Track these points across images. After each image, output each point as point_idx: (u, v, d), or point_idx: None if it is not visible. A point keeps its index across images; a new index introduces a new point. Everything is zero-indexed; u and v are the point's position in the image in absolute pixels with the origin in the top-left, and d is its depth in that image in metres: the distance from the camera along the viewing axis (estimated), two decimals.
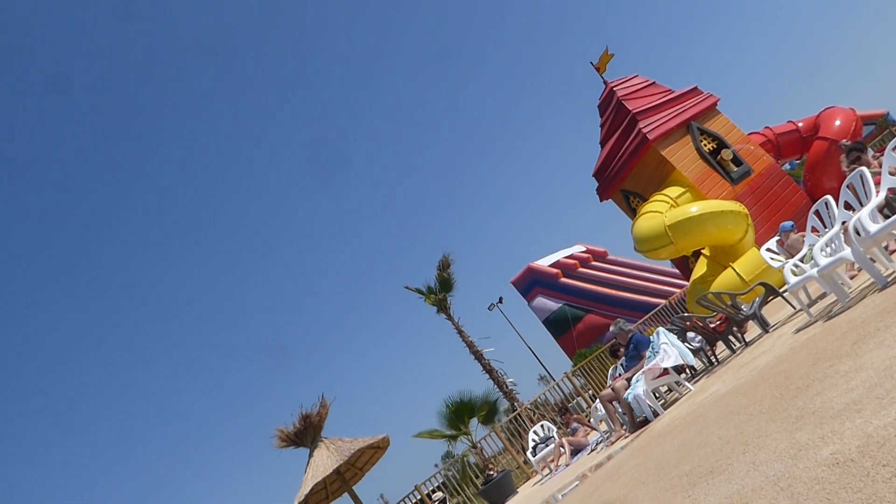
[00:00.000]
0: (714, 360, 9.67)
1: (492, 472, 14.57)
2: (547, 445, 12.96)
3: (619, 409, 9.21)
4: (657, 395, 9.66)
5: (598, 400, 9.97)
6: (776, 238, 9.06)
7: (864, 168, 6.21)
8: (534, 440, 13.58)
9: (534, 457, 13.27)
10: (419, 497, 15.05)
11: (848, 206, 6.21)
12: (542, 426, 13.96)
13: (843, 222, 6.08)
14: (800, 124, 18.99)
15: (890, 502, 1.78)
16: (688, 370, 9.88)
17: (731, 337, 9.26)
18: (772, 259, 8.57)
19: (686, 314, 9.60)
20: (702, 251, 15.74)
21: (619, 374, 9.70)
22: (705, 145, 16.80)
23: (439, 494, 13.59)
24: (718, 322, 9.31)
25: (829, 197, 6.73)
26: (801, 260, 7.36)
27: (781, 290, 8.82)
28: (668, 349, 8.68)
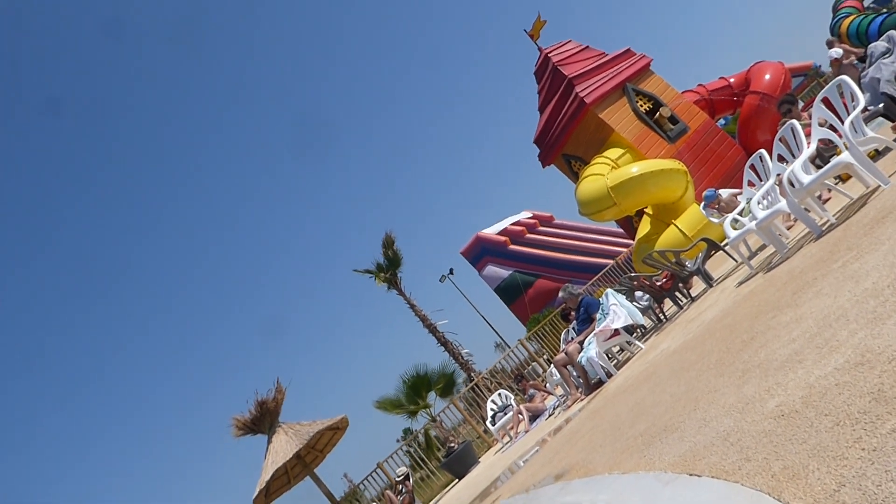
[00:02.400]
0: (663, 317, 9.87)
1: (453, 445, 14.69)
2: (505, 413, 13.10)
3: (574, 373, 9.35)
4: (610, 355, 9.83)
5: (552, 365, 10.10)
6: (703, 205, 9.23)
7: (794, 121, 6.35)
8: (492, 409, 13.72)
9: (493, 426, 13.42)
10: (387, 479, 15.11)
11: (781, 159, 6.35)
12: (499, 395, 14.10)
13: (778, 175, 6.22)
14: (731, 80, 19.31)
15: (833, 451, 1.82)
16: (638, 329, 10.06)
17: (677, 293, 9.45)
18: (711, 215, 8.75)
19: (633, 274, 9.77)
20: (645, 210, 15.99)
21: (572, 338, 9.83)
22: (641, 106, 17.00)
23: (403, 469, 13.65)
24: (664, 279, 9.48)
25: (762, 151, 6.87)
26: (740, 213, 7.52)
27: (723, 245, 9.02)
28: (618, 310, 8.81)
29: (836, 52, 8.17)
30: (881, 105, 6.44)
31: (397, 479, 13.34)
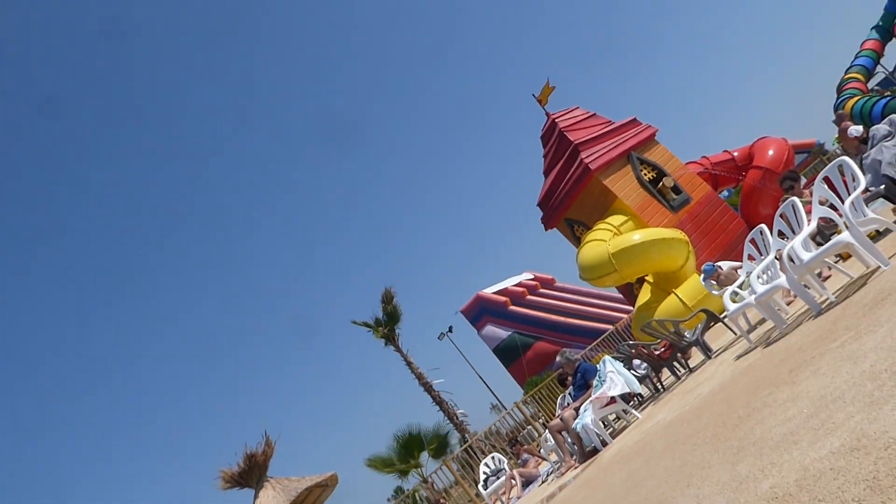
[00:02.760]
0: (660, 386, 9.78)
1: None
2: (498, 478, 12.89)
3: (569, 439, 9.23)
4: (605, 423, 9.71)
5: (547, 430, 9.98)
6: (702, 278, 9.25)
7: (795, 198, 6.40)
8: (485, 472, 13.50)
9: (485, 490, 13.18)
10: None
11: (781, 235, 6.38)
12: (492, 458, 13.90)
13: (778, 250, 6.24)
14: (735, 153, 19.55)
15: None
16: (635, 398, 9.97)
17: (675, 363, 9.39)
18: (711, 287, 8.76)
19: (632, 342, 9.73)
20: (645, 278, 16.00)
21: (568, 404, 9.73)
22: (645, 174, 17.17)
23: None
24: (663, 349, 9.44)
25: (763, 226, 6.91)
26: (740, 287, 7.53)
27: (722, 317, 8.99)
28: (615, 377, 8.74)
29: (857, 129, 8.24)
30: (882, 186, 6.50)
31: None
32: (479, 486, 13.53)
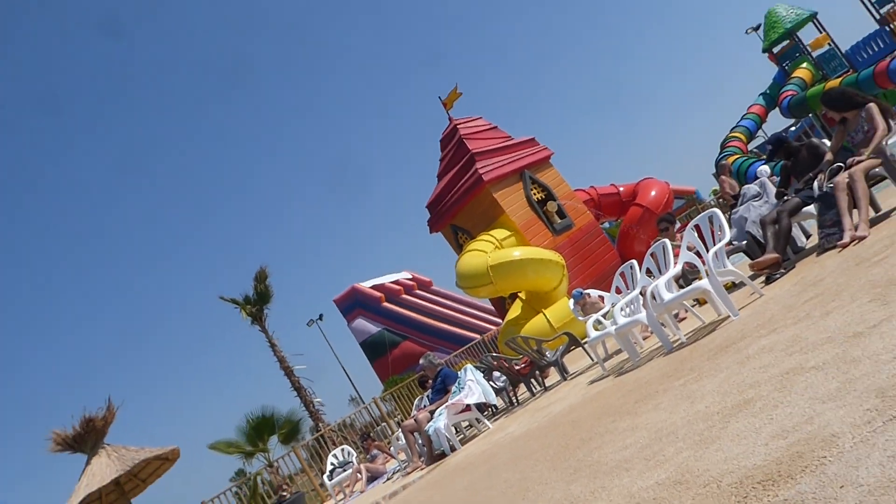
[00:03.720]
0: (515, 400, 10.03)
1: (285, 493, 14.20)
2: (345, 470, 12.83)
3: (419, 441, 9.31)
4: (458, 429, 9.86)
5: (400, 429, 10.02)
6: (571, 302, 9.60)
7: (667, 240, 6.74)
8: (332, 464, 13.42)
9: (330, 480, 13.10)
10: None
11: (649, 273, 6.70)
12: (342, 450, 13.83)
13: (643, 287, 6.55)
14: (621, 189, 20.39)
15: None
16: (490, 408, 10.18)
17: (532, 380, 9.66)
18: (577, 313, 9.08)
19: (495, 354, 9.93)
20: (518, 294, 16.38)
21: (424, 406, 9.82)
22: (535, 194, 17.61)
23: None
24: (523, 365, 9.68)
25: (633, 261, 7.23)
26: (604, 316, 7.84)
27: (583, 342, 9.33)
28: (473, 386, 8.90)
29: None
30: (744, 242, 6.96)
31: None
32: (325, 477, 13.43)
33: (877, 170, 5.70)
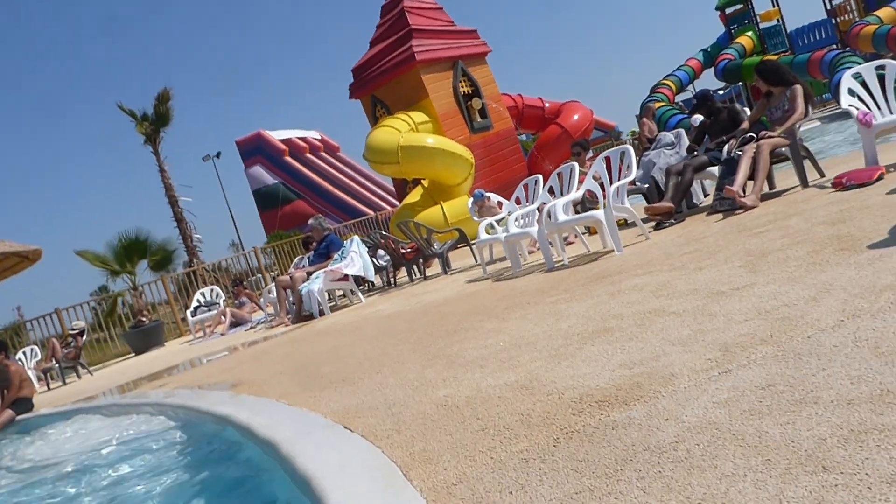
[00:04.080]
0: (393, 282, 10.21)
1: (144, 319, 14.08)
2: (210, 310, 12.82)
3: (290, 298, 9.38)
4: (330, 296, 9.99)
5: (274, 282, 10.04)
6: (470, 201, 9.71)
7: (576, 164, 6.86)
8: (199, 301, 13.36)
9: (193, 317, 13.08)
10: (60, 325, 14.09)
11: (551, 192, 6.84)
12: (210, 290, 13.77)
13: (542, 203, 6.69)
14: (546, 104, 20.39)
15: (468, 451, 2.00)
16: (366, 284, 10.32)
17: (415, 267, 9.83)
18: (474, 213, 9.21)
19: (384, 233, 9.97)
20: (421, 181, 16.38)
21: (303, 266, 9.85)
22: (463, 87, 17.37)
23: (80, 324, 12.78)
24: (410, 250, 9.81)
25: (539, 176, 7.35)
26: (498, 222, 7.99)
27: (472, 242, 9.51)
28: (356, 258, 8.98)
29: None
30: (646, 186, 7.17)
31: (71, 331, 12.49)
32: (188, 312, 13.37)
33: (783, 149, 5.95)
